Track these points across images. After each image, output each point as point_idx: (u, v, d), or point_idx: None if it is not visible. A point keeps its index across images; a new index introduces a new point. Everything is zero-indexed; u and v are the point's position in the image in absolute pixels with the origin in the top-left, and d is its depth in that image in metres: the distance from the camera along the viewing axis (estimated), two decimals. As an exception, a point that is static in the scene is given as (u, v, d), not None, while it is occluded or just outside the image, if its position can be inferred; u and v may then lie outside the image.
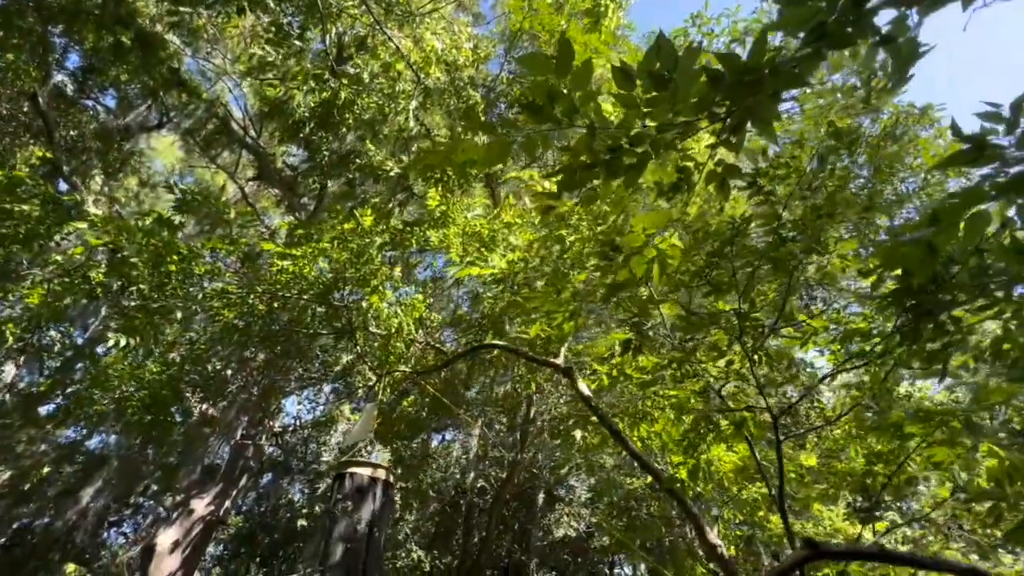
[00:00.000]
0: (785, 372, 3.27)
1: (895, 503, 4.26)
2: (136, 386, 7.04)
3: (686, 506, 3.62)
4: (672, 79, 1.43)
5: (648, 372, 3.99)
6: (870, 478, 3.89)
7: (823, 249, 2.91)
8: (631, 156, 1.67)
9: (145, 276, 5.23)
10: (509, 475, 11.23)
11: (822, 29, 1.17)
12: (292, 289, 6.36)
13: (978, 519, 2.67)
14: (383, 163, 7.72)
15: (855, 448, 3.95)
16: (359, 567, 4.70)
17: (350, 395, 7.83)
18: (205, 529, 12.27)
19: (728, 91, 1.39)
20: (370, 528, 4.90)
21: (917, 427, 2.66)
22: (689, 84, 1.41)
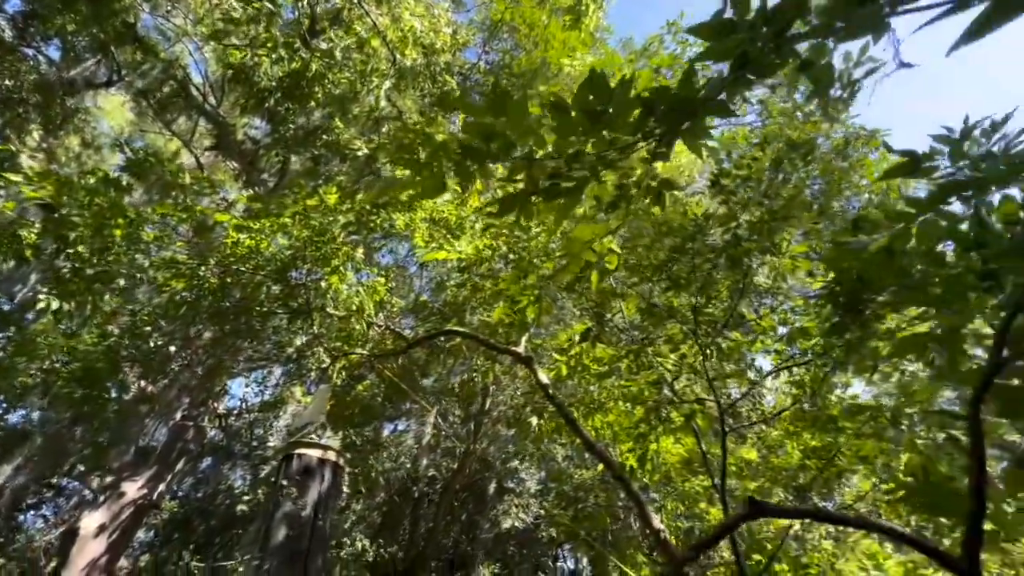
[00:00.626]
0: (736, 366, 3.44)
1: (823, 498, 4.55)
2: (68, 357, 6.58)
3: (633, 493, 3.73)
4: (606, 111, 1.48)
5: (605, 363, 4.09)
6: (804, 472, 4.15)
7: (776, 251, 3.06)
8: (569, 180, 1.72)
9: (86, 238, 4.89)
10: (461, 465, 11.23)
11: (745, 58, 1.22)
12: (247, 264, 6.11)
13: (895, 509, 2.92)
14: (351, 142, 7.53)
15: (792, 444, 4.20)
16: (302, 551, 4.60)
17: (302, 377, 7.61)
18: (135, 513, 11.68)
19: (661, 118, 1.47)
20: (316, 511, 4.80)
21: (849, 421, 2.86)
22: (624, 114, 1.47)
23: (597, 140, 1.59)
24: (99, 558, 10.34)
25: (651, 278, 3.30)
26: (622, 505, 6.17)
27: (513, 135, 1.59)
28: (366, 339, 6.09)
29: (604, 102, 1.46)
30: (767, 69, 1.28)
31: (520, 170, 1.72)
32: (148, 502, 12.38)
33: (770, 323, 3.56)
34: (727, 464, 3.52)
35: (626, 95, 1.44)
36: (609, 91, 1.44)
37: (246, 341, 9.91)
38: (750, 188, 3.07)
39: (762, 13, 1.15)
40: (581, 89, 1.48)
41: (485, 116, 1.56)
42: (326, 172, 8.64)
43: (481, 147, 1.62)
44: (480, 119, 1.57)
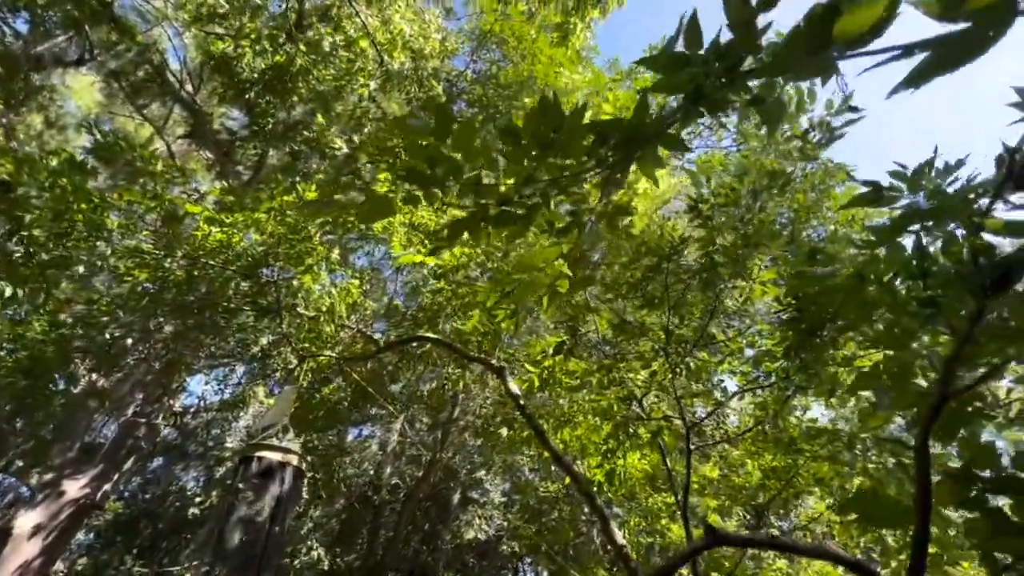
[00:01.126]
0: (704, 385, 3.52)
1: (779, 518, 4.67)
2: (14, 345, 6.23)
3: (598, 508, 3.76)
4: (557, 138, 1.47)
5: (577, 377, 4.13)
6: (763, 492, 4.25)
7: (747, 275, 3.17)
8: (520, 207, 1.69)
9: (44, 221, 4.65)
10: (425, 474, 11.07)
11: (698, 92, 1.25)
12: (217, 258, 5.93)
13: (847, 530, 3.03)
14: (332, 140, 7.43)
15: (753, 464, 4.30)
16: (256, 557, 4.44)
17: (267, 377, 7.39)
18: (76, 514, 11.10)
19: (615, 147, 1.48)
20: (273, 516, 4.64)
21: (808, 444, 2.96)
22: (575, 142, 1.47)
23: (549, 166, 1.58)
24: (33, 560, 9.75)
25: (626, 295, 3.36)
26: (585, 519, 6.19)
27: (461, 159, 1.55)
28: (336, 341, 5.98)
29: (555, 129, 1.45)
30: (719, 104, 1.32)
31: (467, 194, 1.67)
32: (90, 502, 11.78)
33: (738, 345, 3.66)
34: (688, 484, 3.59)
35: (577, 123, 1.44)
36: (561, 118, 1.44)
37: (209, 337, 9.58)
38: (726, 214, 3.18)
39: (715, 49, 1.18)
40: (531, 115, 1.47)
41: (427, 137, 1.50)
42: (304, 168, 8.50)
43: (424, 172, 1.56)
44: (424, 139, 1.51)
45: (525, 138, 1.50)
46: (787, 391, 3.32)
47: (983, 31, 0.88)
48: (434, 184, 1.58)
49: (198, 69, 13.04)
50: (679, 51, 1.24)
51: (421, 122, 1.52)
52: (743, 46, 1.16)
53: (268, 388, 8.00)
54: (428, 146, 1.52)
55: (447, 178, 1.58)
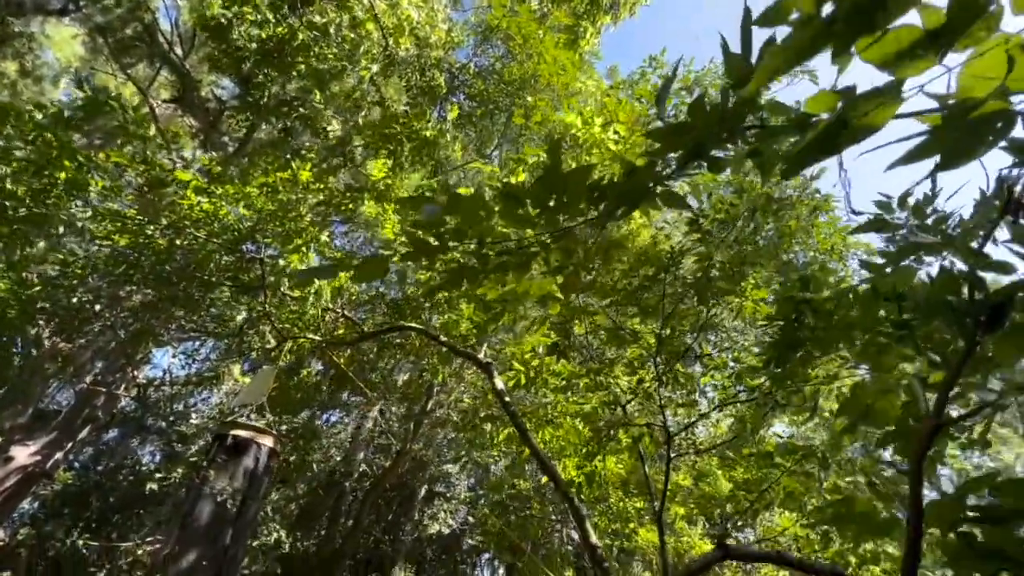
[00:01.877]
0: (688, 396, 3.62)
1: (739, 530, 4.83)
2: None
3: (576, 508, 3.83)
4: (561, 201, 1.52)
5: (564, 378, 4.19)
6: (733, 502, 4.40)
7: (740, 292, 3.27)
8: (520, 257, 1.74)
9: (25, 175, 4.44)
10: (393, 464, 11.01)
11: (699, 148, 1.31)
12: (202, 230, 5.78)
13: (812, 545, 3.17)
14: (328, 120, 7.31)
15: (724, 475, 4.44)
16: (224, 534, 4.36)
17: (243, 355, 7.23)
18: (23, 481, 10.72)
19: (615, 200, 1.53)
20: (245, 495, 4.57)
21: (785, 458, 3.09)
22: (578, 200, 1.52)
23: (548, 222, 1.63)
24: (-29, 527, 9.36)
25: (622, 303, 3.43)
26: (556, 519, 6.27)
27: (465, 227, 1.59)
28: (318, 324, 5.90)
29: (559, 193, 1.50)
30: (718, 165, 1.38)
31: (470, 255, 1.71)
32: (39, 470, 11.37)
33: (723, 360, 3.78)
34: (666, 490, 3.69)
35: (581, 185, 1.48)
36: (564, 183, 1.48)
37: (182, 310, 9.30)
38: (723, 229, 3.27)
39: (718, 116, 1.23)
40: (537, 184, 1.51)
41: (441, 217, 1.53)
42: (296, 145, 8.33)
43: (431, 244, 1.59)
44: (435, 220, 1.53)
45: (530, 198, 1.53)
46: (767, 406, 3.44)
47: (982, 136, 0.97)
48: (439, 252, 1.61)
49: (190, 33, 12.62)
50: (682, 122, 1.30)
51: (433, 209, 1.55)
52: (745, 108, 1.22)
53: (243, 366, 7.83)
54: (438, 222, 1.55)
55: (451, 243, 1.60)
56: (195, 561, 4.21)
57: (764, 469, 3.54)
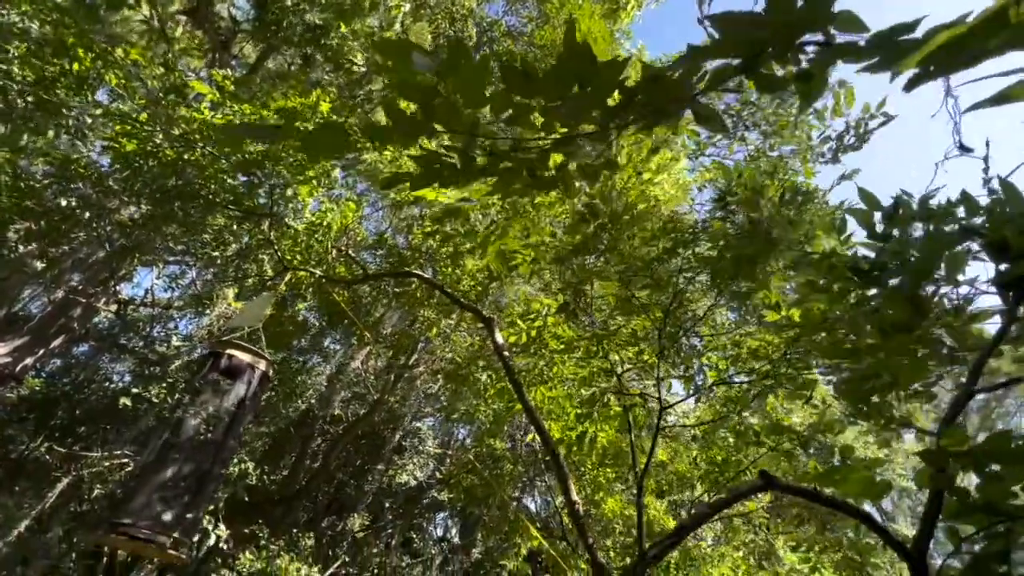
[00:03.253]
0: (685, 371, 3.74)
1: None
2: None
3: (561, 466, 3.96)
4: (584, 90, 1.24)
5: (564, 341, 4.27)
6: (703, 481, 4.59)
7: (755, 276, 3.35)
8: (514, 161, 1.46)
9: (39, 58, 4.22)
10: (369, 412, 11.14)
11: (756, 58, 1.13)
12: (215, 147, 5.63)
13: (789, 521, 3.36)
14: (353, 54, 7.10)
15: (701, 454, 4.63)
16: (209, 454, 4.41)
17: (238, 281, 7.14)
18: (-9, 381, 10.55)
19: (641, 109, 1.29)
20: (235, 415, 4.61)
21: (769, 438, 3.24)
22: (604, 96, 1.24)
23: (560, 122, 1.33)
24: (-67, 420, 9.29)
25: (637, 272, 3.49)
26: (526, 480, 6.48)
27: (462, 103, 1.27)
28: (321, 259, 5.86)
29: (583, 83, 1.21)
30: (769, 81, 1.18)
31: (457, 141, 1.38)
32: (8, 372, 11.25)
33: (721, 343, 3.89)
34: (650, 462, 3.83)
35: (613, 80, 1.21)
36: (593, 72, 1.19)
37: (176, 229, 9.09)
38: (748, 211, 3.33)
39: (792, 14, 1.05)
40: (558, 68, 1.20)
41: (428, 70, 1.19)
42: (315, 78, 8.09)
43: (418, 118, 1.27)
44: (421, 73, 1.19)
45: (541, 86, 1.24)
46: (760, 389, 3.58)
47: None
48: (421, 131, 1.29)
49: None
50: (756, 11, 1.10)
51: (425, 62, 1.21)
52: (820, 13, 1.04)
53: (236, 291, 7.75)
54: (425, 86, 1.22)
55: (443, 124, 1.29)
56: (177, 474, 4.26)
57: (745, 448, 3.71)
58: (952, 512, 1.46)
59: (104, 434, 13.37)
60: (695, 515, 2.24)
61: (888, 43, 1.07)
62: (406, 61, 1.18)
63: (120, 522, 3.82)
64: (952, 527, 1.50)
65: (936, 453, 1.47)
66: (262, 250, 6.63)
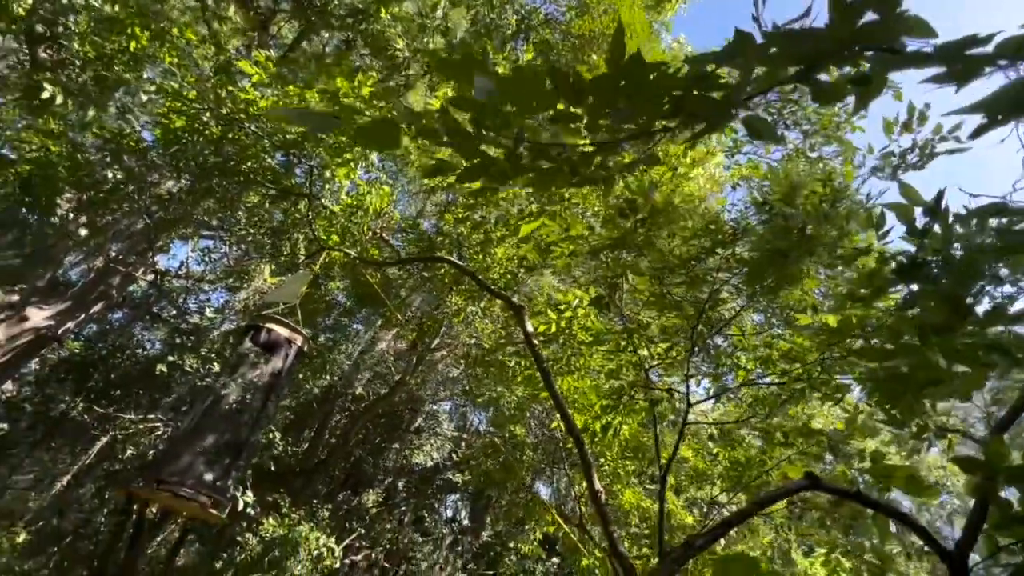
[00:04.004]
0: (716, 370, 3.78)
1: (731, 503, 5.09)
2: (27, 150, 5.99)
3: (584, 453, 4.04)
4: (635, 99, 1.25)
5: (593, 333, 4.33)
6: (723, 480, 4.63)
7: (792, 279, 3.35)
8: (556, 162, 1.48)
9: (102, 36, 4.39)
10: (390, 392, 11.39)
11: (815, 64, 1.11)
12: (259, 127, 5.78)
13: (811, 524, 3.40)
14: (395, 39, 7.17)
15: (724, 453, 4.67)
16: (247, 423, 4.62)
17: (274, 258, 7.35)
18: (34, 342, 11.07)
19: (690, 115, 1.29)
20: (271, 386, 4.80)
21: (800, 440, 3.27)
22: (655, 106, 1.25)
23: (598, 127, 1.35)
24: (-15, 375, 9.80)
25: (672, 268, 3.52)
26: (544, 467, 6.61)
27: (514, 115, 1.30)
28: (356, 240, 6.01)
29: (633, 92, 1.22)
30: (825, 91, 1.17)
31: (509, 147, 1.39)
32: (51, 334, 11.74)
33: (752, 343, 3.91)
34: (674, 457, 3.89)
35: (666, 88, 1.22)
36: (644, 81, 1.20)
37: (214, 204, 9.37)
38: (791, 215, 3.32)
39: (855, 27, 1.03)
40: (610, 77, 1.22)
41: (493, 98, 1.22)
42: (355, 61, 8.19)
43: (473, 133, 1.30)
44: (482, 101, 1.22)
45: (590, 96, 1.27)
46: (790, 391, 3.59)
47: None
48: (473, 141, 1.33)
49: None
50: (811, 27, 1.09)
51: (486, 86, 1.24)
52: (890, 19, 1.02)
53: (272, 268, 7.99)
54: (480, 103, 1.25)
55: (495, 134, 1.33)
56: (218, 440, 4.48)
57: (771, 449, 3.74)
58: (996, 523, 1.50)
59: (137, 398, 13.97)
60: (741, 510, 2.30)
61: (957, 55, 1.04)
62: (467, 79, 1.25)
63: (165, 479, 4.05)
64: (990, 535, 1.54)
65: (982, 463, 1.50)
66: (297, 229, 6.81)
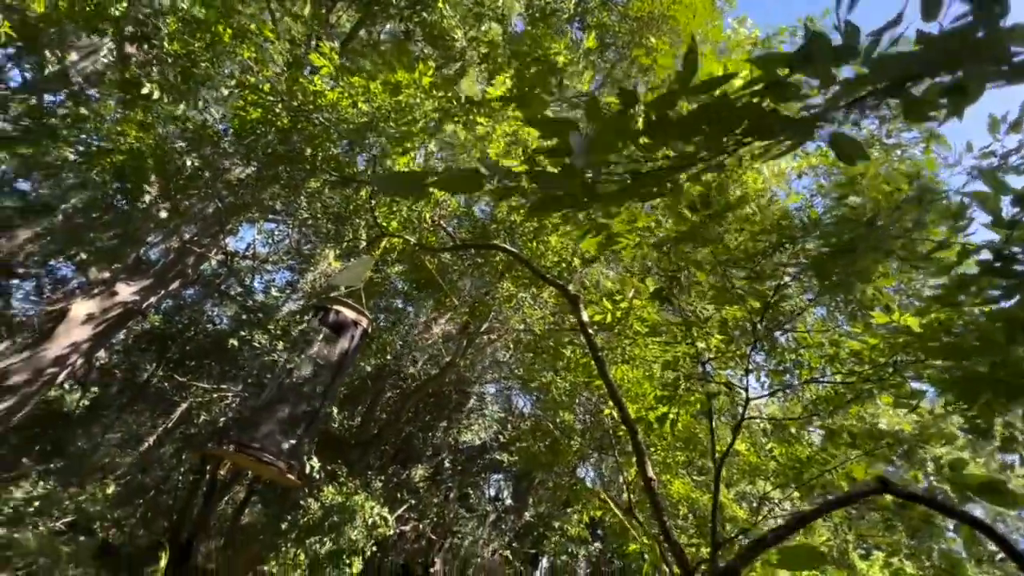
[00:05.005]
0: (778, 366, 3.73)
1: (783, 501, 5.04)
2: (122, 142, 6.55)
3: (637, 441, 4.11)
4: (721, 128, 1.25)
5: (649, 324, 4.34)
6: (776, 476, 4.57)
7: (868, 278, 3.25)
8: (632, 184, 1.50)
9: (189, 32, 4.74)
10: (440, 372, 11.79)
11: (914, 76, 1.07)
12: (326, 117, 6.06)
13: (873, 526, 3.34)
14: (453, 28, 7.26)
15: (780, 450, 4.60)
16: (317, 398, 4.97)
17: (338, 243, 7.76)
18: (123, 314, 12.08)
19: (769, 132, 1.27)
20: (339, 364, 5.13)
21: (868, 443, 3.20)
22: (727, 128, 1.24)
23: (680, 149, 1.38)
24: (82, 343, 10.84)
25: (739, 262, 3.48)
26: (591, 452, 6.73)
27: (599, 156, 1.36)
28: (416, 227, 6.23)
29: (721, 124, 1.24)
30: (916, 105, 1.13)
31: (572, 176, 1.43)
32: (136, 308, 12.78)
33: (817, 339, 3.81)
34: (729, 451, 3.89)
35: (748, 115, 1.23)
36: (731, 109, 1.21)
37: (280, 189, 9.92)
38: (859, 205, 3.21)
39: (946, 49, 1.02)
40: (701, 112, 1.24)
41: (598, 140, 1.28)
42: (413, 50, 8.35)
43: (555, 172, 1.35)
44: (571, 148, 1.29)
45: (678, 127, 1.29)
46: (857, 391, 3.51)
47: None
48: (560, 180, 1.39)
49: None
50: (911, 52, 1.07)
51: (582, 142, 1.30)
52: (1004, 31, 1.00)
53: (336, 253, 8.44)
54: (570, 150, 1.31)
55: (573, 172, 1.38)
56: (292, 412, 4.85)
57: (835, 449, 3.67)
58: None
59: (208, 369, 15.15)
60: (815, 508, 2.32)
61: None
62: (563, 136, 1.34)
63: (248, 444, 4.45)
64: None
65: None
66: (357, 215, 7.12)
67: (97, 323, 11.41)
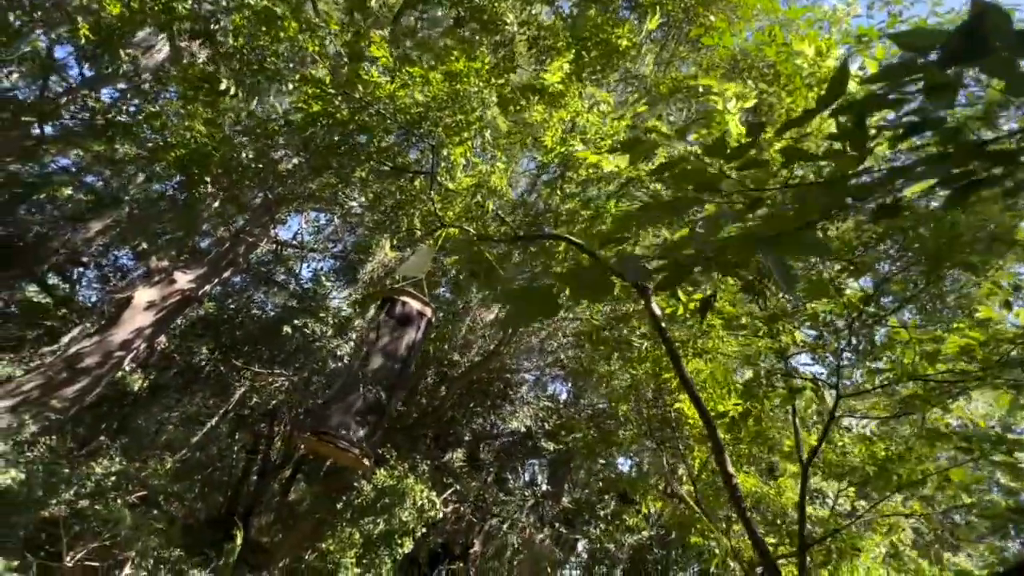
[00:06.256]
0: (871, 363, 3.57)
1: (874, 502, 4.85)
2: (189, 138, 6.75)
3: (716, 437, 4.02)
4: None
5: (725, 317, 4.22)
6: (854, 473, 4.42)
7: (977, 271, 3.05)
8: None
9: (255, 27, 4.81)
10: (485, 360, 11.89)
11: None
12: (383, 108, 6.07)
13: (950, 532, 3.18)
14: (504, 14, 7.12)
15: (861, 449, 4.44)
16: (392, 384, 5.08)
17: (393, 234, 7.86)
18: (181, 301, 12.58)
19: None
20: (407, 356, 5.22)
21: (978, 446, 3.03)
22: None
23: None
24: (145, 328, 11.38)
25: (836, 257, 3.33)
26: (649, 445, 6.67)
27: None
28: (474, 218, 6.22)
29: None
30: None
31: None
32: (193, 295, 13.28)
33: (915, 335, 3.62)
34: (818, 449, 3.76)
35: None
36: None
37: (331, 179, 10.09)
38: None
39: None
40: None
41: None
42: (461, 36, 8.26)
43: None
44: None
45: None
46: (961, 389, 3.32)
47: None
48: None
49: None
50: None
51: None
52: None
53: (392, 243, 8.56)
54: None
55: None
56: (363, 403, 4.97)
57: (932, 449, 3.50)
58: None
59: (259, 354, 15.73)
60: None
61: None
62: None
63: (324, 431, 4.59)
64: None
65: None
66: (412, 205, 7.18)
67: (158, 310, 11.91)
